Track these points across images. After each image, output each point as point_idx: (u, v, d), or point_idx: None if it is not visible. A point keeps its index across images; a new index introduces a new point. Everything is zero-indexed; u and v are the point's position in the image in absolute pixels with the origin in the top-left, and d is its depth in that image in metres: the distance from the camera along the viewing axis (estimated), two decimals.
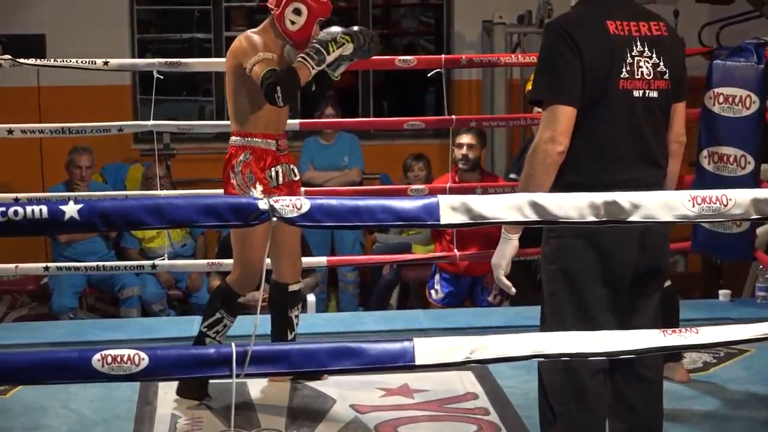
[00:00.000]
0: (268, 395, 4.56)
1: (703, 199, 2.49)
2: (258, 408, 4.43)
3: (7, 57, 5.41)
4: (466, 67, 6.21)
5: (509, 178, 6.54)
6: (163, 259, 5.77)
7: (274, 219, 2.37)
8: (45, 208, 2.30)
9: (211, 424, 4.28)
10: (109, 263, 6.08)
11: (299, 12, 4.31)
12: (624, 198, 2.49)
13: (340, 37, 4.30)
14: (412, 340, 2.49)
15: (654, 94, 3.25)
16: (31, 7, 8.25)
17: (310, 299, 6.37)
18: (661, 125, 3.31)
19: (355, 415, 4.36)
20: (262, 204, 2.36)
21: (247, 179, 4.30)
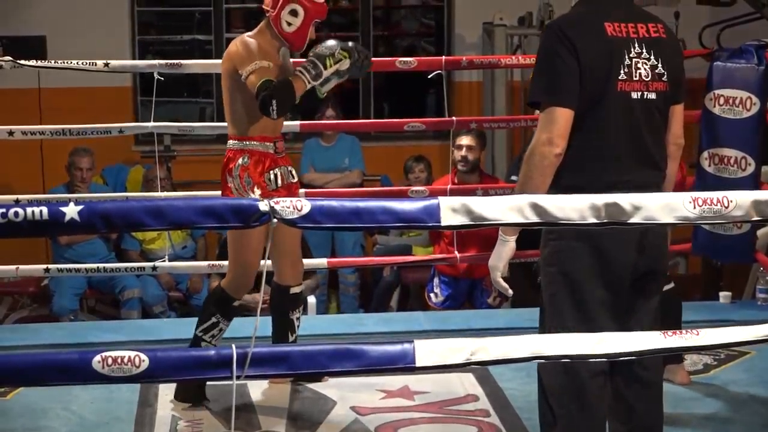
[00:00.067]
0: (269, 397, 4.56)
1: (704, 201, 2.49)
2: (258, 410, 4.43)
3: (8, 58, 5.41)
4: (466, 68, 6.23)
5: (510, 179, 6.54)
6: (164, 260, 5.77)
7: (275, 220, 2.36)
8: (45, 210, 2.30)
9: (212, 426, 4.28)
10: (110, 265, 6.08)
11: (296, 13, 4.30)
12: (625, 199, 2.48)
13: (339, 52, 4.30)
14: (412, 342, 2.48)
15: (652, 95, 3.25)
16: (31, 8, 8.26)
17: (311, 301, 6.37)
18: (660, 127, 3.31)
19: (355, 417, 4.36)
20: (263, 205, 2.36)
21: (245, 183, 4.29)
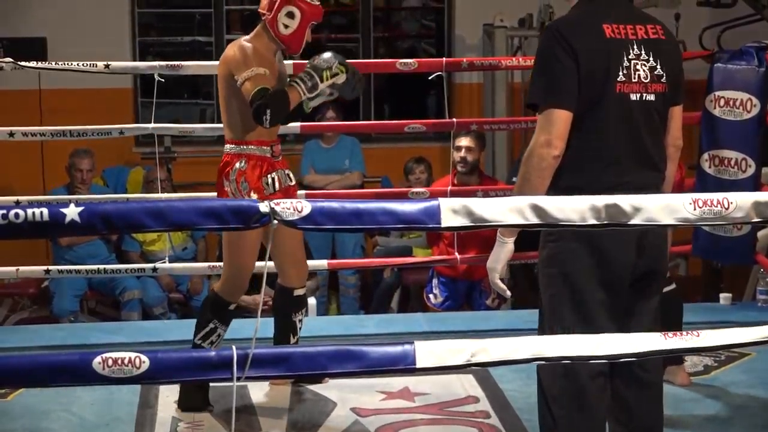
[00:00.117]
0: (269, 399, 4.56)
1: (704, 202, 2.48)
2: (259, 411, 4.43)
3: (9, 60, 5.41)
4: (467, 70, 6.21)
5: (512, 181, 6.53)
6: (164, 262, 5.77)
7: (275, 222, 2.36)
8: (46, 211, 2.30)
9: (212, 428, 4.28)
10: (110, 266, 6.09)
11: (292, 15, 4.30)
12: (625, 201, 2.48)
13: (336, 66, 4.31)
14: (412, 343, 2.48)
15: (651, 97, 3.24)
16: (32, 10, 8.26)
17: (311, 302, 6.35)
18: (659, 128, 3.30)
19: (355, 419, 4.36)
20: (263, 207, 2.36)
21: (242, 188, 4.28)
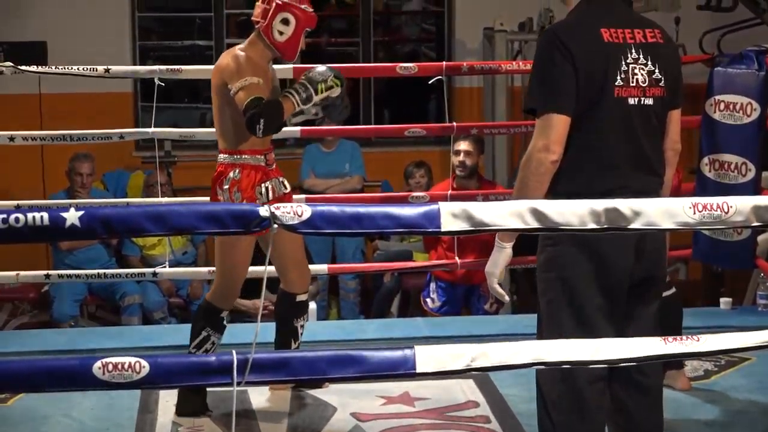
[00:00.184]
0: (269, 403, 4.56)
1: (704, 207, 2.48)
2: (259, 416, 4.43)
3: (9, 64, 5.42)
4: (467, 74, 6.23)
5: (513, 185, 6.52)
6: (164, 266, 5.77)
7: (275, 226, 2.36)
8: (46, 215, 2.29)
9: None
10: (110, 271, 6.08)
11: (287, 22, 4.30)
12: (625, 205, 2.48)
13: (332, 79, 4.31)
14: (413, 348, 2.48)
15: (649, 101, 3.24)
16: (32, 14, 8.26)
17: (311, 307, 6.36)
18: (657, 133, 3.30)
19: (356, 424, 4.36)
20: (263, 211, 2.36)
21: (234, 198, 4.27)
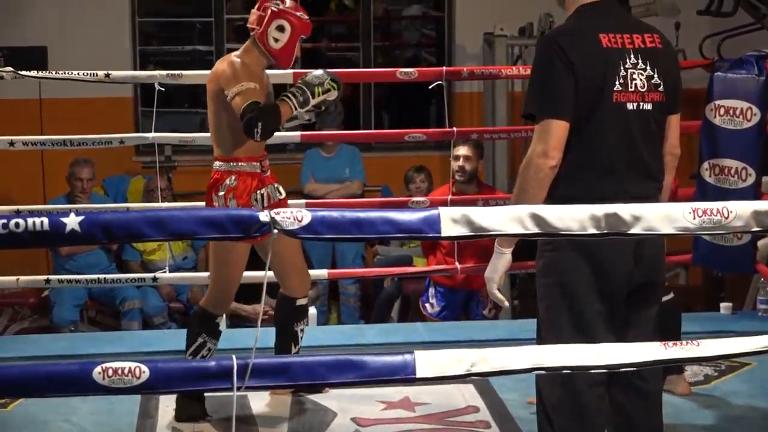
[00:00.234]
0: (269, 408, 4.55)
1: (704, 212, 2.48)
2: (259, 421, 4.42)
3: (9, 69, 5.42)
4: (467, 79, 6.21)
5: (513, 190, 6.51)
6: (165, 271, 5.76)
7: (275, 231, 2.36)
8: (46, 221, 2.29)
9: None
10: (111, 276, 6.08)
11: (283, 29, 4.31)
12: (625, 210, 2.48)
13: (328, 83, 4.31)
14: (413, 353, 2.48)
15: (648, 106, 3.24)
16: (32, 19, 8.26)
17: (311, 312, 6.35)
18: (656, 138, 3.30)
19: (356, 429, 4.35)
20: (263, 216, 2.36)
21: (230, 205, 4.26)
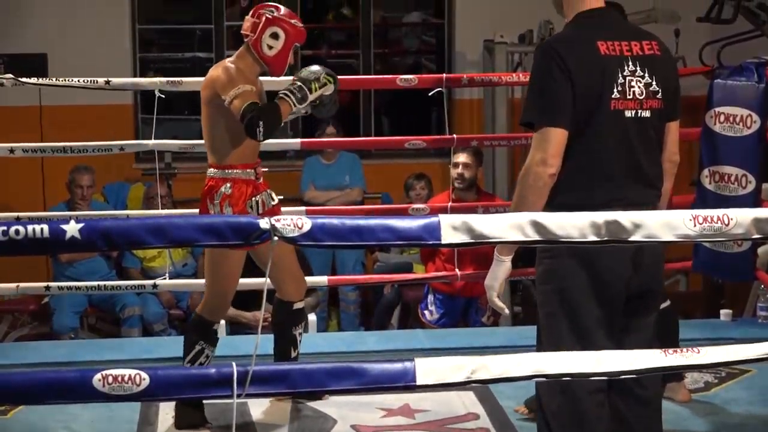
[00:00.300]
0: (269, 415, 4.55)
1: (704, 219, 2.49)
2: (258, 428, 4.42)
3: (9, 76, 5.42)
4: (467, 86, 6.21)
5: (512, 198, 6.50)
6: (165, 278, 5.76)
7: (275, 238, 2.36)
8: (46, 228, 2.30)
9: None
10: (110, 283, 6.07)
11: (277, 36, 4.31)
12: (625, 217, 2.48)
13: (324, 77, 4.31)
14: (413, 360, 2.48)
15: (647, 113, 3.24)
16: (32, 26, 8.26)
17: (311, 318, 6.36)
18: (654, 145, 3.30)
19: None
20: (263, 223, 2.36)
21: (225, 212, 4.26)
